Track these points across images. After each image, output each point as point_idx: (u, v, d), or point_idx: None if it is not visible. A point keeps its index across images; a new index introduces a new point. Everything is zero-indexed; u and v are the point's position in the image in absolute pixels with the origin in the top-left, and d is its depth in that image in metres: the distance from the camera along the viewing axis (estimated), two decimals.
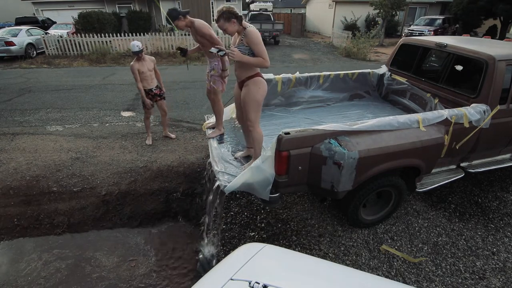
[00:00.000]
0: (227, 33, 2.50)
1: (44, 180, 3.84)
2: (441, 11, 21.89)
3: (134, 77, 4.12)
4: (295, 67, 10.64)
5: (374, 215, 3.09)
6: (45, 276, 2.98)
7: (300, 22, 21.77)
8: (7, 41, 11.39)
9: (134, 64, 4.05)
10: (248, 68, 2.52)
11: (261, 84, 2.56)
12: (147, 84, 4.23)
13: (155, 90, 4.35)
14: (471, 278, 2.59)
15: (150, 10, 20.31)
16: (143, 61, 4.10)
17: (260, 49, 2.41)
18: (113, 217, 3.68)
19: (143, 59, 4.08)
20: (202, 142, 4.74)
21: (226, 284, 1.13)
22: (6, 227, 3.48)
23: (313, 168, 2.42)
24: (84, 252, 3.28)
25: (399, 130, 2.58)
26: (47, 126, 5.39)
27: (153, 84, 4.31)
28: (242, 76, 2.59)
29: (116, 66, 10.85)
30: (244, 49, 2.45)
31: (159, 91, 4.39)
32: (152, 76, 4.27)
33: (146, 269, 3.08)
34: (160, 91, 4.41)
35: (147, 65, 4.13)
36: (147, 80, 4.20)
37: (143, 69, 4.09)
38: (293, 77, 4.07)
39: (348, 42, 14.16)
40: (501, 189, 3.74)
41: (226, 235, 3.11)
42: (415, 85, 3.85)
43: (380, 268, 2.68)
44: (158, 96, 4.39)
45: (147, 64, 4.13)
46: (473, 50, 3.14)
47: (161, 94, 4.43)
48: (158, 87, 4.38)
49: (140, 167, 4.10)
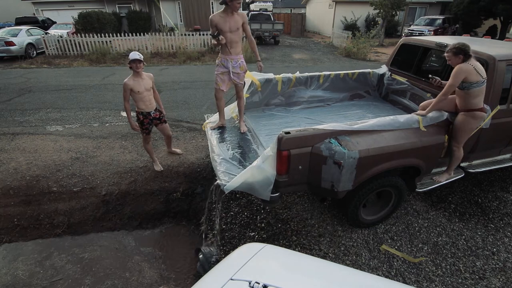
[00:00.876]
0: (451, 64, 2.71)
1: (44, 180, 3.84)
2: (441, 11, 21.89)
3: (124, 95, 3.45)
4: (295, 67, 10.64)
5: (374, 215, 3.09)
6: (45, 277, 2.98)
7: (300, 22, 21.78)
8: (7, 41, 11.39)
9: (128, 81, 3.38)
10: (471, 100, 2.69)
11: (481, 120, 2.79)
12: (144, 107, 3.57)
13: (153, 114, 3.69)
14: (471, 278, 2.59)
15: (150, 10, 20.31)
16: (140, 78, 3.44)
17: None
18: (113, 217, 3.68)
19: (140, 76, 3.43)
20: (202, 142, 4.73)
21: (226, 284, 1.13)
22: (6, 227, 3.48)
23: (313, 167, 2.42)
24: (83, 252, 3.28)
25: (399, 130, 2.59)
26: (47, 126, 5.39)
27: (152, 107, 3.64)
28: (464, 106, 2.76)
29: (116, 66, 10.85)
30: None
31: (158, 114, 3.75)
32: (150, 97, 3.59)
33: (146, 269, 3.08)
34: (160, 114, 3.77)
35: (144, 84, 3.45)
36: (144, 102, 3.53)
37: (139, 88, 3.42)
38: (293, 77, 4.07)
39: (348, 42, 14.15)
40: (501, 189, 3.74)
41: (226, 235, 3.11)
42: (415, 85, 3.85)
43: (380, 268, 2.68)
44: (158, 119, 3.76)
45: (144, 83, 3.46)
46: (474, 50, 3.12)
47: (161, 117, 3.79)
48: (157, 110, 3.75)
49: (140, 167, 4.09)
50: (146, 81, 3.50)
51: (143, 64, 3.40)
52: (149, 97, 3.59)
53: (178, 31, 14.59)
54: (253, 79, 3.86)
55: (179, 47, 13.04)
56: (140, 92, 3.45)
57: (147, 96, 3.54)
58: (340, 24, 20.00)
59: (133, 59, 3.31)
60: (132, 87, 3.41)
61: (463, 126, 2.75)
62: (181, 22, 19.36)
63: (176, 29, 15.14)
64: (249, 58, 11.82)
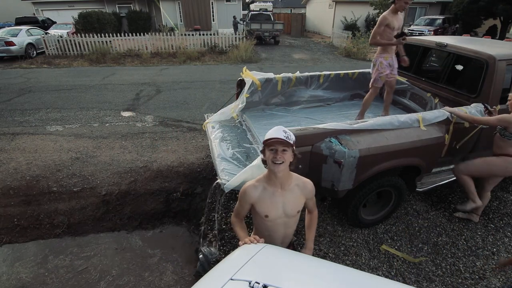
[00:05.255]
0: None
1: (44, 180, 3.84)
2: (441, 11, 21.89)
3: None
4: (295, 67, 10.63)
5: (374, 215, 3.08)
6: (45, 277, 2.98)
7: (300, 22, 21.78)
8: (7, 41, 11.40)
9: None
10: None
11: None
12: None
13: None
14: (471, 278, 2.59)
15: (150, 10, 20.31)
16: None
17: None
18: (113, 217, 3.68)
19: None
20: (202, 142, 4.73)
21: (226, 284, 1.12)
22: (6, 227, 3.48)
23: (313, 167, 2.42)
24: (82, 252, 3.27)
25: (399, 129, 2.58)
26: (47, 126, 5.39)
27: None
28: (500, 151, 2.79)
29: (116, 66, 10.84)
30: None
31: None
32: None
33: (145, 270, 3.07)
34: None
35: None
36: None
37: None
38: (293, 77, 4.06)
39: (348, 42, 14.15)
40: (501, 189, 3.74)
41: (226, 235, 3.11)
42: (415, 84, 3.85)
43: (380, 268, 2.68)
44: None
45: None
46: (474, 50, 3.14)
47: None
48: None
49: (140, 167, 4.09)
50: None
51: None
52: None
53: (178, 31, 14.59)
54: (253, 79, 3.86)
55: (179, 47, 13.04)
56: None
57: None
58: (340, 24, 19.99)
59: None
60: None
61: (497, 169, 2.80)
62: (181, 22, 19.37)
63: (176, 29, 15.16)
64: (249, 58, 11.89)
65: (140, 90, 7.67)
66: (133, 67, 10.80)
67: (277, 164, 1.43)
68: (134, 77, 9.07)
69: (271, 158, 1.44)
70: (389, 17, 3.31)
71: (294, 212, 1.61)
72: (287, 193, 1.56)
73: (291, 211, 1.59)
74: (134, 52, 12.69)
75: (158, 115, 5.99)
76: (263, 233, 1.66)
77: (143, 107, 6.46)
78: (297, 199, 1.58)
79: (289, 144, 1.42)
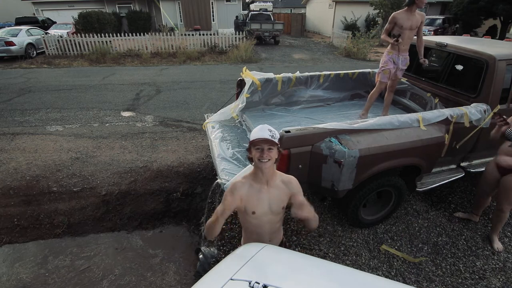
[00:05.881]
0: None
1: (44, 180, 3.84)
2: (441, 11, 21.90)
3: None
4: (295, 67, 10.63)
5: (374, 215, 3.08)
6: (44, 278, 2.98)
7: (300, 22, 21.79)
8: (7, 41, 11.39)
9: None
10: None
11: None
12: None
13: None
14: (471, 278, 2.59)
15: (150, 10, 20.31)
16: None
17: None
18: (113, 217, 3.68)
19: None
20: (202, 142, 4.73)
21: (226, 284, 1.12)
22: (6, 227, 3.48)
23: (313, 166, 2.42)
24: (83, 252, 3.27)
25: (399, 129, 2.58)
26: (47, 126, 5.39)
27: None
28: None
29: (116, 66, 10.84)
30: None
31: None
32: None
33: (148, 270, 3.07)
34: None
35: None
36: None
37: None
38: (293, 77, 4.06)
39: (348, 42, 14.15)
40: None
41: (226, 235, 3.11)
42: (415, 84, 3.85)
43: (380, 268, 2.67)
44: None
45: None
46: (474, 50, 3.14)
47: None
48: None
49: (140, 167, 4.09)
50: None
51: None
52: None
53: (178, 31, 14.60)
54: (253, 79, 3.86)
55: (179, 47, 13.04)
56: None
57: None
58: (340, 24, 19.99)
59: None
60: None
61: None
62: (181, 22, 19.37)
63: (176, 29, 15.17)
64: (249, 58, 11.89)
65: (140, 90, 7.67)
66: (133, 67, 10.80)
67: (264, 162, 1.48)
68: (134, 77, 9.07)
69: (258, 156, 1.48)
70: (398, 16, 3.35)
71: (279, 209, 1.64)
72: (273, 189, 1.60)
73: (277, 207, 1.62)
74: (134, 52, 12.69)
75: (158, 115, 5.99)
76: (252, 232, 1.71)
77: (143, 107, 6.46)
78: (282, 195, 1.62)
79: (274, 143, 1.47)
